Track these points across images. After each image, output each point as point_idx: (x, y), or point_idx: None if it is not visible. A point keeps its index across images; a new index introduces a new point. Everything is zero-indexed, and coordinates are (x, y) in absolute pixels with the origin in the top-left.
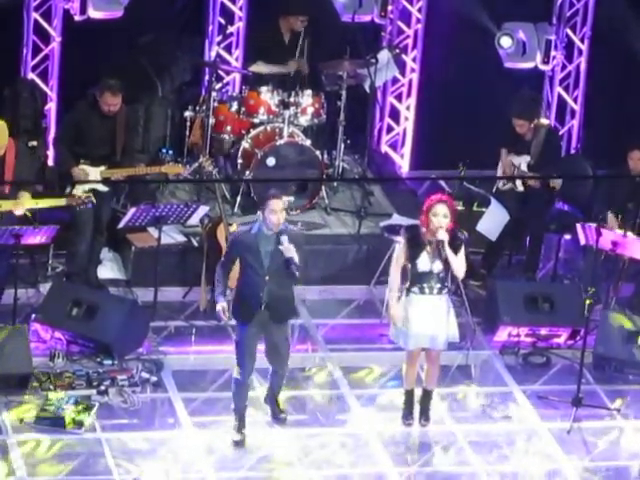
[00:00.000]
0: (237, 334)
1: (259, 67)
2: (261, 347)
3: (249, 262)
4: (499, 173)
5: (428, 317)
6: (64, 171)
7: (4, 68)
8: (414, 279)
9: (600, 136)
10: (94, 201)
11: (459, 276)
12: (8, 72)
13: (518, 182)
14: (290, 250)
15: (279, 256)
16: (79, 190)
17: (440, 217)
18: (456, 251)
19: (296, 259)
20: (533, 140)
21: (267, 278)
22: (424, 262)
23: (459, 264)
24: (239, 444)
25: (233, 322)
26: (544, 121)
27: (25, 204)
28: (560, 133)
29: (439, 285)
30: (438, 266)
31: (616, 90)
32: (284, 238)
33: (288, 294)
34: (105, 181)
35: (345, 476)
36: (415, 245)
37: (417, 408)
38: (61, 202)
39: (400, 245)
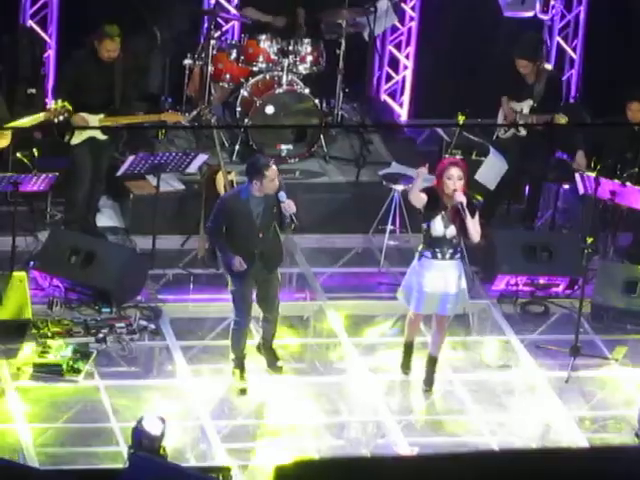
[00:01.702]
0: (232, 285)
1: (248, 11)
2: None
3: (241, 225)
4: (500, 121)
5: (439, 280)
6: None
7: (3, 16)
8: (427, 243)
9: (599, 85)
10: (70, 109)
11: (474, 240)
12: (7, 20)
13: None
14: (291, 206)
15: (270, 213)
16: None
17: (455, 179)
18: (472, 214)
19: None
20: (535, 84)
21: (260, 236)
22: (438, 226)
23: (475, 228)
24: (243, 392)
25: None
26: (547, 66)
27: (4, 134)
28: None
29: (451, 250)
30: (451, 231)
31: (615, 40)
32: (282, 195)
33: (278, 244)
34: (104, 129)
35: (343, 424)
36: (432, 206)
37: (416, 364)
38: (39, 118)
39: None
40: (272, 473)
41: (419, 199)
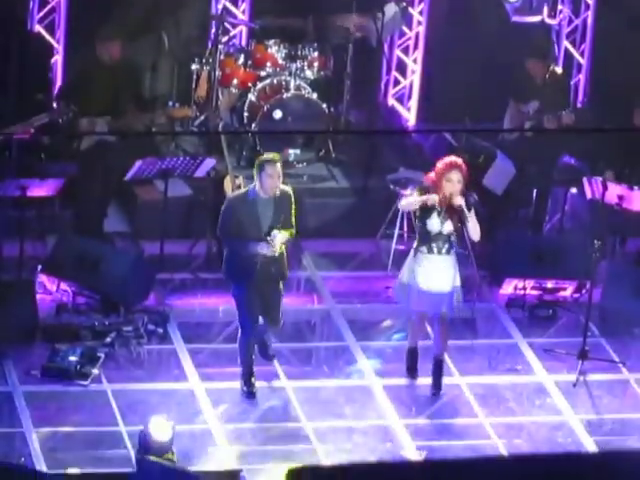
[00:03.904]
0: (235, 294)
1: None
2: None
3: (246, 226)
4: (506, 123)
5: (434, 277)
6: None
7: (11, 21)
8: (423, 239)
9: (606, 90)
10: (75, 109)
11: (475, 239)
12: (15, 25)
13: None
14: (277, 246)
15: (278, 220)
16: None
17: (454, 182)
18: (468, 215)
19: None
20: (543, 86)
21: (269, 238)
22: (435, 223)
23: (475, 228)
24: (250, 396)
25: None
26: (558, 69)
27: None
28: None
29: (447, 245)
30: (448, 227)
31: (623, 44)
32: (275, 234)
33: (282, 254)
34: (112, 132)
35: (351, 428)
36: (427, 205)
37: (423, 367)
38: (43, 119)
39: (414, 198)
40: (284, 477)
41: (411, 206)
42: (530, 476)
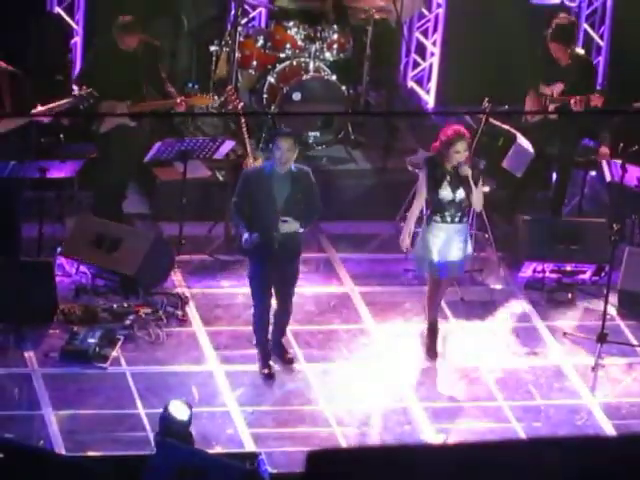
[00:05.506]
0: (250, 270)
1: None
2: None
3: (262, 201)
4: (528, 105)
5: (449, 245)
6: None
7: (30, 2)
8: (436, 208)
9: (626, 73)
10: (95, 94)
11: (477, 209)
12: (34, 6)
13: (551, 110)
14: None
15: (294, 198)
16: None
17: (462, 153)
18: (476, 181)
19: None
20: (568, 68)
21: (281, 218)
22: (446, 192)
23: (478, 197)
24: (268, 377)
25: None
26: (580, 50)
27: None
28: None
29: (460, 213)
30: (460, 194)
31: None
32: (286, 219)
33: (298, 233)
34: (132, 115)
35: (370, 411)
36: (437, 175)
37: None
38: (64, 104)
39: (422, 177)
40: (305, 460)
41: (415, 213)
42: (548, 459)
